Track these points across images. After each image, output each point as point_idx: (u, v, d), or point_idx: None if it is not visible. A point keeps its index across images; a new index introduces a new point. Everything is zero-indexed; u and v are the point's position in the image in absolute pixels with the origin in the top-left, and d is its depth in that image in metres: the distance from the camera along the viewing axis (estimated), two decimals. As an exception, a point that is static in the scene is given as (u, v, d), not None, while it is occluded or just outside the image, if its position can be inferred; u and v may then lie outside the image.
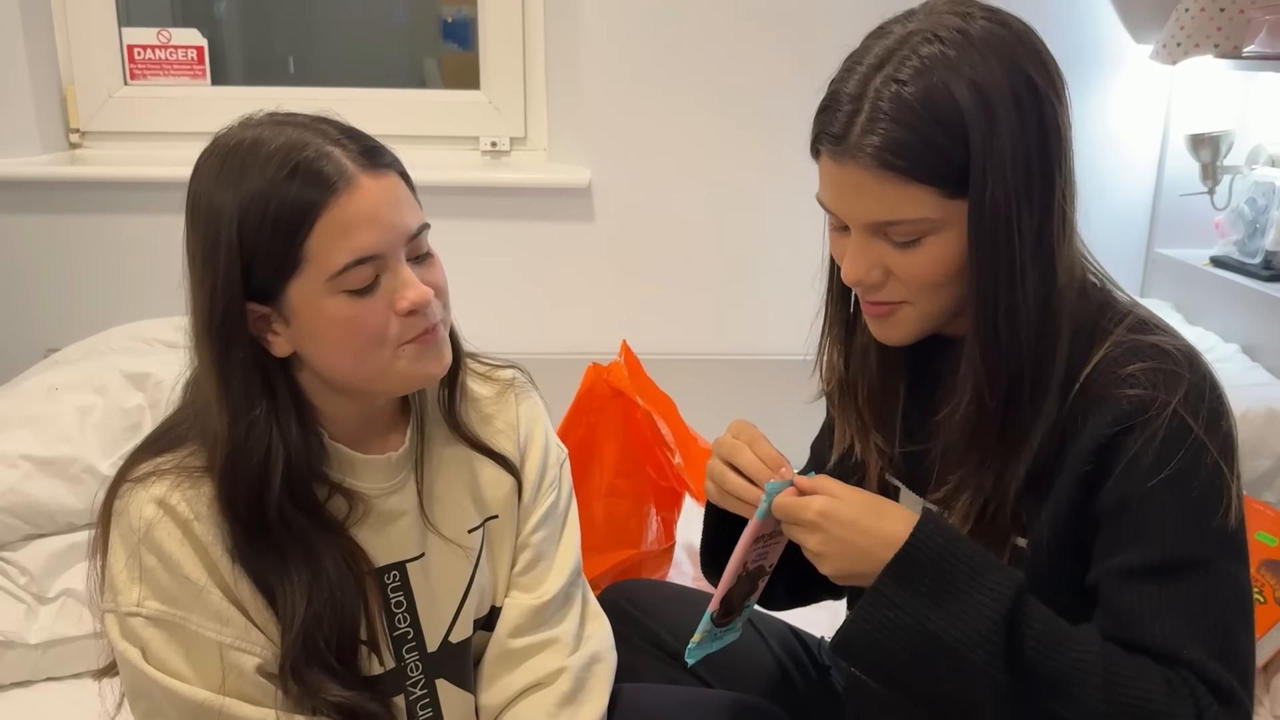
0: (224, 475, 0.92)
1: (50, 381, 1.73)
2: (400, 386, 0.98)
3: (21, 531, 1.56)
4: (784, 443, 0.97)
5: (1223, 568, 0.84)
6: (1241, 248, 2.07)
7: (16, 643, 1.49)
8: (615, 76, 2.15)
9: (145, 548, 0.91)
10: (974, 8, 0.88)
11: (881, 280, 0.91)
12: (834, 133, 0.86)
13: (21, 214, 2.14)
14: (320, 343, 0.93)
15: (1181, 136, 2.15)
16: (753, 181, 2.20)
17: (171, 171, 2.13)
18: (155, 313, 2.06)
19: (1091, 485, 0.87)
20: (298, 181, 0.88)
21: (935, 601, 0.83)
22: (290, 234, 0.89)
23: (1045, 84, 0.86)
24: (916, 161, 0.84)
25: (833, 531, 0.86)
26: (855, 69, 0.87)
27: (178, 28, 2.25)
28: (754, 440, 0.96)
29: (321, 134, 0.92)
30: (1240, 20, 2.01)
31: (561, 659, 1.09)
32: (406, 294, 0.92)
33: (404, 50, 2.55)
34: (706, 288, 2.27)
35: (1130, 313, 0.92)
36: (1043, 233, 0.86)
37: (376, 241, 0.90)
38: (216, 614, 0.92)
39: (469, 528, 1.08)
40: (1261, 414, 1.76)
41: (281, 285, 0.91)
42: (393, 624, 1.04)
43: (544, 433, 1.15)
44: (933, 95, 0.83)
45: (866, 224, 0.89)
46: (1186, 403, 0.84)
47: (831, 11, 2.07)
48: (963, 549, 0.84)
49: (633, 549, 1.70)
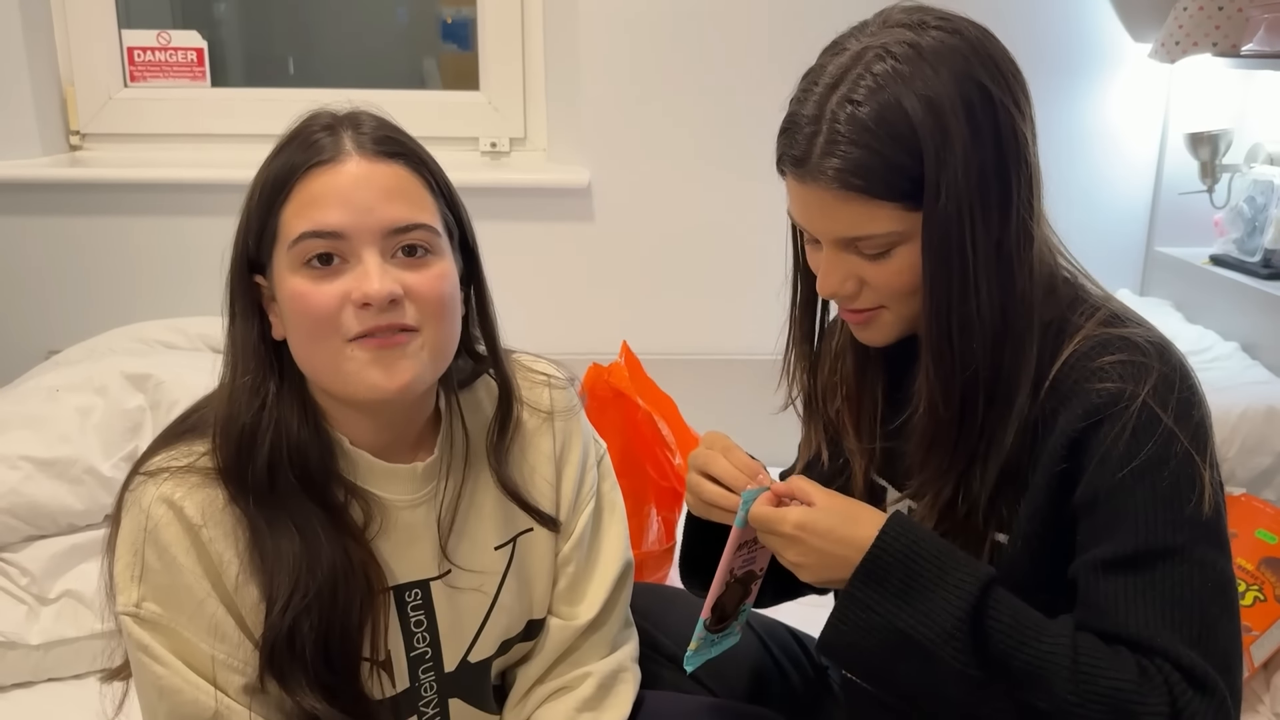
0: (220, 435, 0.91)
1: (51, 383, 1.73)
2: (350, 393, 0.90)
3: (22, 532, 1.56)
4: (783, 443, 0.97)
5: (1197, 555, 0.84)
6: (1241, 246, 2.07)
7: (18, 643, 1.49)
8: (614, 77, 2.15)
9: (150, 546, 0.89)
10: (928, 15, 0.88)
11: (856, 290, 0.92)
12: (795, 155, 0.88)
13: (22, 216, 2.14)
14: (286, 322, 0.91)
15: (1180, 135, 2.15)
16: (752, 181, 2.20)
17: (172, 173, 2.15)
18: (156, 314, 2.07)
19: (1066, 481, 0.88)
20: (291, 149, 0.90)
21: (904, 600, 0.84)
22: (272, 199, 0.89)
23: (1001, 91, 0.86)
24: (876, 180, 0.85)
25: (810, 543, 0.88)
26: (812, 90, 0.88)
27: (177, 29, 2.25)
28: (728, 449, 0.98)
29: (347, 119, 0.92)
30: (1239, 18, 2.01)
31: (589, 664, 1.08)
32: (362, 284, 0.87)
33: (404, 51, 2.55)
34: (706, 288, 2.27)
35: (1102, 307, 0.92)
36: (1001, 241, 0.87)
37: (340, 220, 0.87)
38: (212, 628, 0.90)
39: (495, 544, 1.04)
40: (1261, 411, 1.76)
41: (268, 255, 0.91)
42: (411, 644, 1.00)
43: (580, 448, 1.10)
44: (886, 114, 0.84)
45: (836, 240, 0.90)
46: (1156, 394, 0.84)
47: (829, 13, 2.07)
48: (928, 548, 0.86)
49: (634, 549, 1.69)
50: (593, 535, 1.11)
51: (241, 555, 0.90)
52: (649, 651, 1.19)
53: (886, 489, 1.04)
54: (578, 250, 2.24)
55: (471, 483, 1.02)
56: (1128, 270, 2.33)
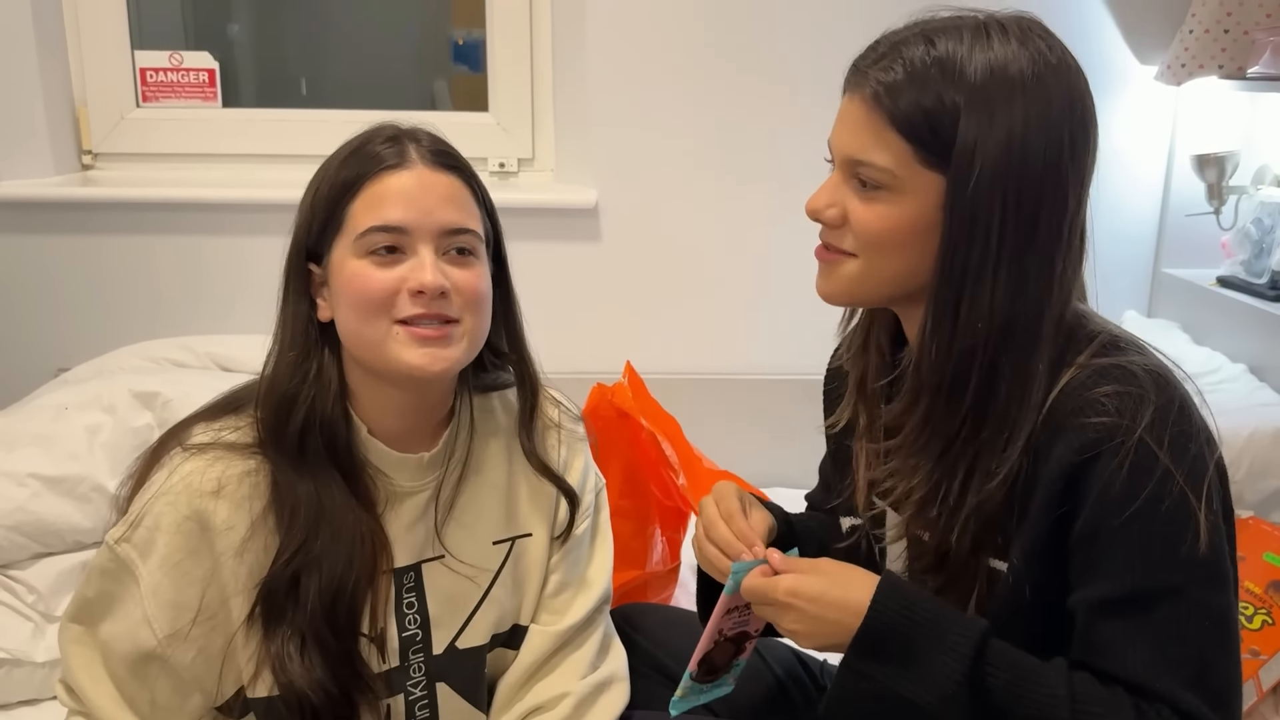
0: (263, 400, 1.01)
1: (60, 400, 1.74)
2: (389, 368, 0.99)
3: (30, 550, 1.57)
4: (787, 462, 0.98)
5: (1194, 595, 0.84)
6: (1248, 267, 2.07)
7: (24, 661, 1.49)
8: (622, 98, 2.16)
9: (154, 516, 0.97)
10: (1039, 27, 0.90)
11: (838, 221, 0.93)
12: (858, 65, 0.91)
13: (34, 234, 2.16)
14: (340, 301, 1.00)
15: (1187, 157, 2.16)
16: (759, 202, 2.21)
17: (183, 192, 2.16)
18: (165, 333, 2.08)
19: (1062, 517, 0.87)
20: (360, 155, 1.01)
21: (902, 667, 0.86)
22: (341, 195, 0.99)
23: (1065, 119, 0.86)
24: (905, 110, 0.86)
25: (804, 609, 0.89)
26: (909, 28, 0.91)
27: (190, 50, 2.27)
28: (730, 515, 0.99)
29: (409, 133, 1.03)
30: (1244, 41, 2.01)
31: (568, 684, 1.10)
32: (418, 274, 0.97)
33: (415, 72, 2.57)
34: (711, 308, 2.28)
35: (1101, 331, 0.91)
36: (1026, 250, 0.87)
37: (404, 217, 0.98)
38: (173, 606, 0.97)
39: (495, 539, 1.10)
40: (1269, 434, 1.75)
41: (328, 245, 1.00)
42: (403, 624, 1.05)
43: (583, 464, 1.17)
44: (948, 63, 0.86)
45: (844, 159, 0.92)
46: (1152, 429, 0.83)
47: (837, 34, 2.09)
48: (922, 611, 0.87)
49: (638, 569, 1.69)
50: (583, 555, 1.16)
51: (255, 517, 0.98)
52: (651, 672, 1.19)
53: (886, 512, 1.04)
54: (584, 270, 2.24)
55: (474, 479, 1.10)
56: (1135, 292, 2.33)
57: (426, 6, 2.55)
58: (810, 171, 0.94)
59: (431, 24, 2.52)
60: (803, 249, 1.00)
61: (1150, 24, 2.16)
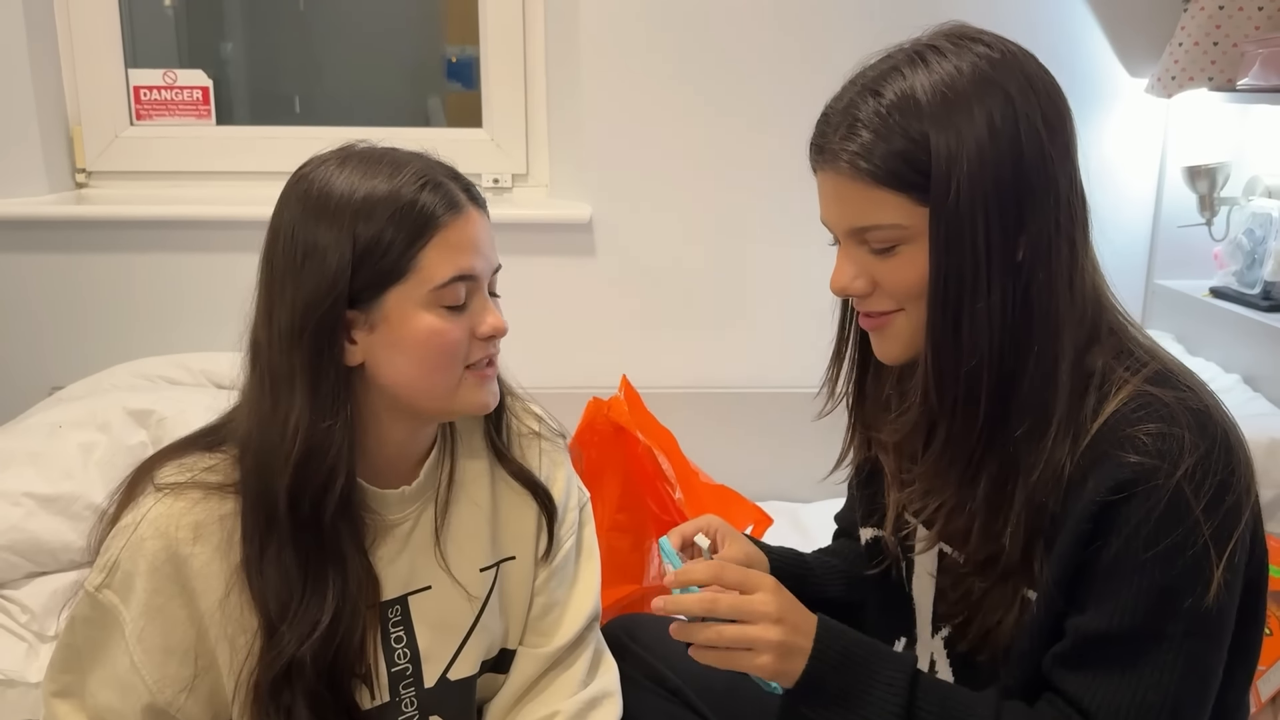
0: (294, 474, 0.92)
1: (54, 419, 1.74)
2: (455, 410, 1.01)
3: (23, 569, 1.56)
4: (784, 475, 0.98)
5: (1186, 647, 0.84)
6: (1240, 278, 2.08)
7: (18, 681, 1.48)
8: (616, 113, 2.17)
9: (130, 560, 0.94)
10: (970, 31, 0.90)
11: (868, 289, 0.92)
12: (819, 144, 0.91)
13: (28, 253, 2.15)
14: (398, 353, 0.95)
15: (1178, 168, 2.17)
16: (753, 216, 2.22)
17: (177, 210, 2.16)
18: (160, 350, 2.08)
19: (1087, 546, 0.86)
20: (428, 193, 0.94)
21: (843, 706, 0.90)
22: (411, 239, 0.93)
23: (1027, 104, 0.86)
24: (885, 166, 0.86)
25: (787, 617, 0.90)
26: (847, 88, 0.91)
27: (184, 69, 2.28)
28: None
29: (441, 168, 0.99)
30: (1234, 53, 2.03)
31: (557, 703, 1.09)
32: (488, 319, 0.99)
33: (409, 89, 2.58)
34: (707, 322, 2.28)
35: (1149, 361, 0.90)
36: (1017, 250, 0.86)
37: (475, 265, 0.97)
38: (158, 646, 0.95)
39: (481, 566, 1.09)
40: (1264, 444, 1.75)
41: (380, 291, 0.94)
42: (391, 659, 1.04)
43: (565, 477, 1.16)
44: (902, 103, 0.86)
45: (847, 231, 0.91)
46: (1190, 478, 0.82)
47: (832, 50, 2.10)
48: (858, 652, 0.91)
49: (635, 584, 1.69)
50: (569, 573, 1.15)
51: (234, 566, 0.95)
52: (652, 685, 1.19)
53: (916, 527, 1.04)
54: (579, 285, 2.25)
55: (457, 506, 1.08)
56: (1128, 303, 2.29)
57: (420, 24, 2.56)
58: (803, 185, 0.94)
59: (425, 41, 2.53)
60: (797, 262, 1.00)
61: (1140, 37, 2.17)
